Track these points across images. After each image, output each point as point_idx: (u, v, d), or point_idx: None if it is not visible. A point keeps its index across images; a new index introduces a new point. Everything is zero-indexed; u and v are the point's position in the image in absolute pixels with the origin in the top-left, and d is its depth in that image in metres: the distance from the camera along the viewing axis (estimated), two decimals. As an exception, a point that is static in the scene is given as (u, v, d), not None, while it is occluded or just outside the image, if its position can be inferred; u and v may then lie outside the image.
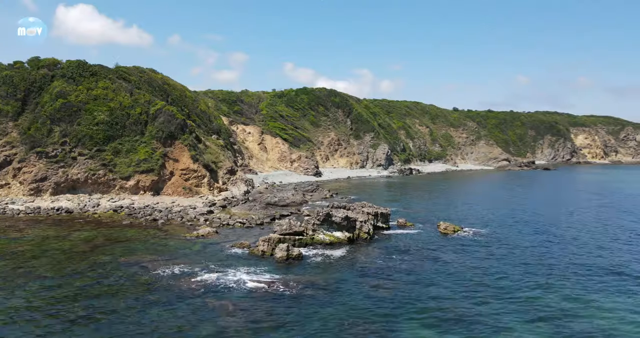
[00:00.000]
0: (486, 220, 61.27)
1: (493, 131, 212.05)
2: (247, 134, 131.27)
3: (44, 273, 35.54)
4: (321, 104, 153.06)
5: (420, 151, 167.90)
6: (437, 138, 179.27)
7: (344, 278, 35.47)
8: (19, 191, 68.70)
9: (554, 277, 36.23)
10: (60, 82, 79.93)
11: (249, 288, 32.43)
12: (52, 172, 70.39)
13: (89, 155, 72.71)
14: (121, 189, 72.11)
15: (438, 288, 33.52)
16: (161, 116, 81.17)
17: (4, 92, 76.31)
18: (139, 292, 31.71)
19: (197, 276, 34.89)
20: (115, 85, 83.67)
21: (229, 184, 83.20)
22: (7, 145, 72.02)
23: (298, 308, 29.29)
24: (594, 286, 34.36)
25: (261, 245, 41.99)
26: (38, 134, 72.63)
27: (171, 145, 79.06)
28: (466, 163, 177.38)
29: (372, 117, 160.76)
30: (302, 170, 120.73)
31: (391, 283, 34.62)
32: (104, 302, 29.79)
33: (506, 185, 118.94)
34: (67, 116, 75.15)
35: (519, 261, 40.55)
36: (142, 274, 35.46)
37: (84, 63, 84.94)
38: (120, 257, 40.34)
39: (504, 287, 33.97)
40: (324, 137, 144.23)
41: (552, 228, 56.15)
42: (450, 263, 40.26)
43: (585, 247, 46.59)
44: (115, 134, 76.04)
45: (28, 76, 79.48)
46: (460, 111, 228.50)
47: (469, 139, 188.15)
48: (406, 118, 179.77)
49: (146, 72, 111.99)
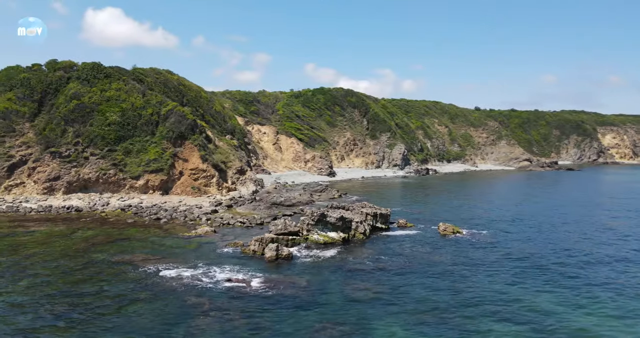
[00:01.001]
0: (491, 222, 60.17)
1: (516, 131, 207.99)
2: (262, 134, 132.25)
3: (37, 270, 36.65)
4: (337, 103, 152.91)
5: (439, 151, 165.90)
6: (456, 138, 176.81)
7: (327, 279, 35.44)
8: (33, 190, 70.91)
9: (541, 284, 35.21)
10: (75, 83, 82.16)
11: (230, 287, 32.75)
12: (64, 171, 72.43)
13: (100, 155, 74.52)
14: (131, 188, 73.66)
15: (420, 291, 33.14)
16: (172, 116, 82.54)
17: (21, 94, 78.90)
18: (123, 289, 32.39)
19: (182, 274, 35.43)
20: (128, 87, 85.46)
21: (238, 184, 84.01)
22: (23, 145, 74.42)
23: (274, 308, 29.43)
24: (581, 295, 33.31)
25: (252, 244, 42.32)
26: (52, 135, 74.82)
27: (181, 145, 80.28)
28: (486, 163, 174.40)
29: (390, 117, 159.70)
30: (315, 170, 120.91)
31: (374, 284, 34.40)
32: (85, 299, 30.56)
33: (523, 186, 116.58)
34: (81, 117, 77.21)
35: (511, 266, 39.57)
36: (130, 272, 36.20)
37: (98, 65, 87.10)
38: (114, 255, 41.27)
39: (488, 291, 33.31)
40: (340, 137, 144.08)
41: (557, 233, 54.38)
42: (439, 265, 39.71)
43: (585, 255, 45.16)
44: (127, 134, 77.68)
45: (45, 78, 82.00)
46: (481, 111, 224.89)
47: (490, 138, 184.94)
48: (425, 118, 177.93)
49: (162, 73, 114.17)
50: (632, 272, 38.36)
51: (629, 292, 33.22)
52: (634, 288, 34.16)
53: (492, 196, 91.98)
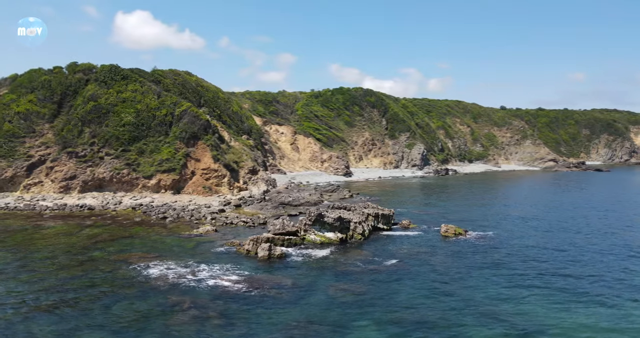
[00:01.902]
0: (499, 224, 58.90)
1: (543, 130, 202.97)
2: (280, 134, 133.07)
3: (36, 266, 37.91)
4: (356, 103, 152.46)
5: (460, 151, 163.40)
6: (478, 137, 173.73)
7: (314, 279, 35.40)
8: (51, 188, 73.30)
9: (533, 291, 34.16)
10: (93, 85, 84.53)
11: (214, 286, 33.09)
12: (80, 171, 74.61)
13: (114, 155, 76.43)
14: (143, 188, 75.27)
15: (405, 293, 32.70)
16: (186, 117, 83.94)
17: (42, 95, 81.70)
18: (111, 286, 33.16)
19: (172, 272, 35.99)
20: (144, 88, 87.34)
21: (249, 184, 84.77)
22: (43, 145, 77.02)
23: (252, 307, 29.59)
24: (572, 305, 32.22)
25: (247, 244, 42.64)
26: (69, 135, 77.19)
27: (194, 145, 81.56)
28: (509, 163, 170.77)
29: (409, 117, 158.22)
30: (332, 170, 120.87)
31: (360, 285, 34.15)
32: (73, 294, 31.41)
33: (543, 187, 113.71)
34: (97, 118, 79.40)
35: (506, 270, 38.40)
36: (122, 269, 37.01)
37: (116, 67, 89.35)
38: (113, 252, 42.29)
39: (474, 296, 32.61)
40: (358, 137, 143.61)
41: (565, 238, 52.18)
42: (431, 267, 39.07)
43: (589, 265, 43.53)
44: (141, 134, 79.44)
45: (65, 80, 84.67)
46: (507, 110, 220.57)
47: (514, 138, 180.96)
48: (446, 117, 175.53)
49: (181, 74, 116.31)
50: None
51: (628, 307, 31.57)
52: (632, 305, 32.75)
53: (507, 197, 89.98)
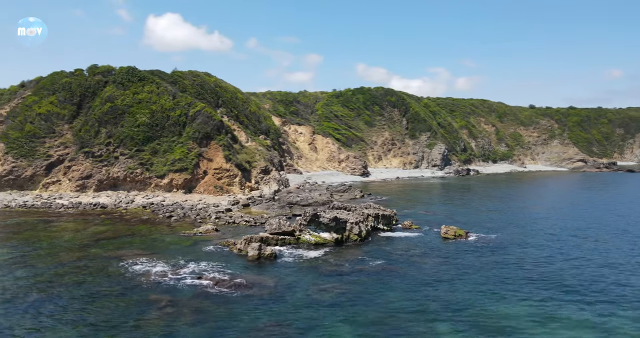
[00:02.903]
0: (506, 226, 57.40)
1: (574, 129, 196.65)
2: (298, 134, 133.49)
3: (34, 262, 39.26)
4: (376, 103, 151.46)
5: (484, 151, 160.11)
6: (503, 137, 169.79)
7: (298, 279, 35.37)
8: (68, 187, 75.74)
9: (521, 297, 33.16)
10: (111, 87, 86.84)
11: (196, 285, 33.48)
12: (96, 170, 76.80)
13: (129, 155, 78.33)
14: (156, 187, 76.87)
15: (387, 295, 32.28)
16: (199, 117, 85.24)
17: (62, 97, 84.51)
18: (99, 283, 34.02)
19: (158, 270, 36.61)
20: (160, 89, 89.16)
21: (261, 183, 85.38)
22: (62, 145, 79.66)
23: (229, 306, 29.81)
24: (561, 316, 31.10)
25: (239, 243, 42.99)
26: (87, 135, 79.56)
27: (207, 145, 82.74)
28: (536, 164, 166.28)
29: (431, 116, 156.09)
30: (349, 170, 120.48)
31: (343, 286, 33.90)
32: (58, 289, 32.39)
33: (567, 188, 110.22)
34: (113, 119, 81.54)
35: (499, 275, 37.34)
36: (113, 267, 37.89)
37: (133, 69, 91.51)
38: (111, 250, 43.34)
39: (458, 300, 31.91)
40: (378, 136, 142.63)
41: (572, 244, 50.41)
42: (421, 269, 38.42)
43: (590, 274, 41.81)
44: (155, 135, 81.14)
45: (84, 82, 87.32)
46: (537, 108, 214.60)
47: (541, 138, 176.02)
48: (470, 116, 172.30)
49: (200, 75, 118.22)
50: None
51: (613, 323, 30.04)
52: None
53: (523, 198, 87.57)
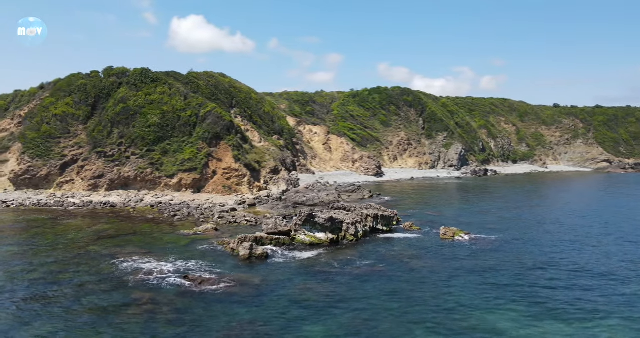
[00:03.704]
0: (510, 228, 56.12)
1: (600, 129, 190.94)
2: (313, 134, 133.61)
3: (33, 258, 40.35)
4: (393, 103, 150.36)
5: (504, 151, 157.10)
6: (524, 137, 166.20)
7: (284, 279, 35.33)
8: (80, 186, 77.62)
9: (508, 303, 32.32)
10: (125, 88, 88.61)
11: (182, 283, 33.80)
12: (108, 170, 78.48)
13: (140, 154, 79.78)
14: (165, 186, 78.07)
15: (371, 297, 31.89)
16: (210, 118, 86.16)
17: (78, 98, 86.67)
18: (88, 280, 34.71)
19: (148, 268, 37.09)
20: (172, 90, 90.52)
21: (270, 183, 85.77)
22: (76, 145, 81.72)
23: (208, 304, 29.99)
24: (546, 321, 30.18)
25: (232, 243, 43.24)
26: (100, 136, 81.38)
27: (216, 145, 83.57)
28: (558, 164, 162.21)
29: (449, 116, 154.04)
30: (362, 170, 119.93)
31: (328, 287, 33.69)
32: (50, 287, 33.16)
33: (586, 189, 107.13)
34: (125, 119, 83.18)
35: (491, 279, 36.11)
36: (105, 264, 38.59)
37: (147, 70, 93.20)
38: (109, 248, 44.16)
39: (440, 304, 31.34)
40: (394, 136, 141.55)
41: (576, 248, 48.89)
42: (411, 271, 37.86)
43: (583, 277, 40.52)
44: (165, 135, 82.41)
45: (99, 84, 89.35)
46: (561, 108, 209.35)
47: (563, 137, 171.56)
48: (490, 116, 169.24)
49: (215, 76, 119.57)
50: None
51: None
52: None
53: (538, 198, 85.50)
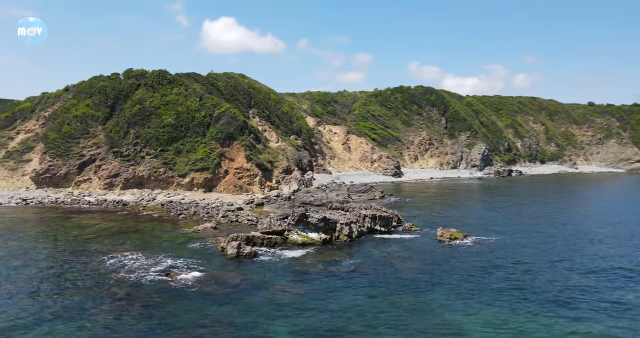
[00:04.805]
0: (512, 230, 54.38)
1: (637, 128, 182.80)
2: (332, 134, 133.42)
3: (32, 254, 41.84)
4: (415, 102, 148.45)
5: (531, 151, 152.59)
6: (553, 136, 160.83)
7: (265, 278, 35.37)
8: (97, 185, 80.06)
9: (491, 309, 31.30)
10: (142, 90, 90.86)
11: (161, 280, 34.34)
12: (123, 169, 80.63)
13: (154, 154, 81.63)
14: (178, 186, 79.56)
15: (347, 299, 31.49)
16: (223, 118, 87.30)
17: (98, 100, 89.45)
18: (73, 275, 35.73)
19: (134, 265, 37.87)
20: (188, 91, 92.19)
21: (282, 183, 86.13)
22: (94, 145, 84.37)
23: (179, 301, 30.34)
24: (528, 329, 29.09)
25: (223, 242, 43.64)
26: (117, 136, 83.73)
27: (229, 145, 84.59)
28: (589, 164, 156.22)
29: (473, 115, 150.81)
30: (381, 170, 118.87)
31: (306, 287, 33.47)
32: (39, 282, 34.30)
33: (612, 190, 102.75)
34: (141, 120, 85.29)
35: (478, 283, 35.04)
36: (95, 261, 39.56)
37: (164, 72, 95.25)
38: (106, 245, 45.33)
39: (420, 308, 30.68)
40: (415, 136, 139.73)
41: (579, 253, 47.01)
42: (396, 273, 37.21)
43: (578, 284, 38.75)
44: (179, 135, 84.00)
45: (118, 86, 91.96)
46: (596, 106, 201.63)
47: (595, 137, 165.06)
48: (517, 115, 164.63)
49: (234, 77, 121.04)
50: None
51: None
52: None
53: (557, 199, 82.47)
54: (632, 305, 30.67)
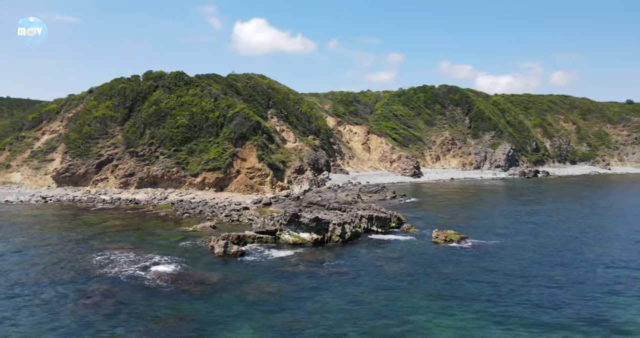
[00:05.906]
0: (515, 233, 52.55)
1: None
2: (352, 134, 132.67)
3: (33, 251, 43.36)
4: (438, 102, 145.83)
5: (560, 151, 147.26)
6: (585, 136, 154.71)
7: (243, 278, 35.40)
8: (113, 184, 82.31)
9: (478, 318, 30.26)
10: (160, 91, 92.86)
11: (138, 277, 34.91)
12: (138, 168, 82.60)
13: (167, 154, 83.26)
14: (190, 185, 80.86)
15: (323, 302, 31.04)
16: (236, 118, 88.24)
17: (117, 101, 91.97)
18: (60, 272, 36.73)
19: (120, 263, 38.64)
20: (204, 92, 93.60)
21: (294, 183, 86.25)
22: (112, 145, 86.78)
23: (151, 299, 30.69)
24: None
25: (212, 241, 43.99)
26: (133, 136, 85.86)
27: (242, 145, 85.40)
28: (624, 165, 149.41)
29: (499, 114, 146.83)
30: (400, 171, 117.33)
31: (284, 287, 33.24)
32: (33, 277, 35.50)
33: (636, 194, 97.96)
34: (156, 120, 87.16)
35: (467, 290, 33.78)
36: (87, 258, 40.48)
37: (181, 74, 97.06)
38: (105, 242, 46.47)
39: (387, 315, 30.04)
40: (437, 136, 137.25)
41: (580, 258, 44.92)
42: (380, 275, 36.52)
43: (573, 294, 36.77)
44: (193, 135, 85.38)
45: (136, 87, 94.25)
46: (635, 104, 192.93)
47: (631, 136, 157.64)
48: (547, 114, 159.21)
49: (254, 78, 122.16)
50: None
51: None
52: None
53: (575, 202, 79.15)
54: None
